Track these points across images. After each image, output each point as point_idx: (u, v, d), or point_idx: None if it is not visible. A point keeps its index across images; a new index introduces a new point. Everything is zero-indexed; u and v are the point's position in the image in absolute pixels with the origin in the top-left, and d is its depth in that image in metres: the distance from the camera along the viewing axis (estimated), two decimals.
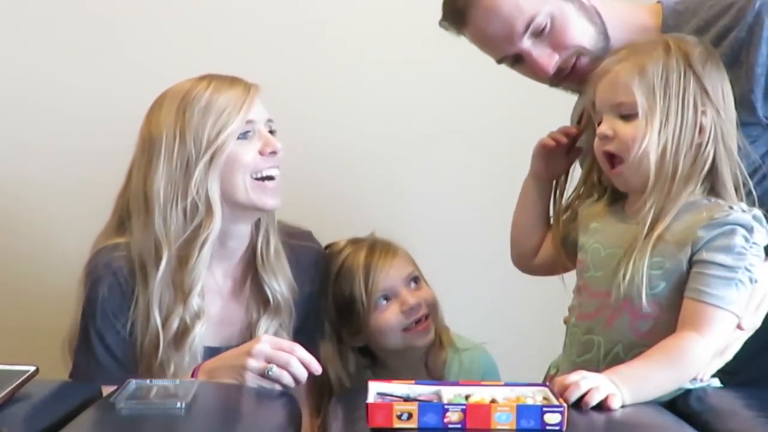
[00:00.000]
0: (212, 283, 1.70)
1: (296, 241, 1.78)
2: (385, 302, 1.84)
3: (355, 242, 1.89)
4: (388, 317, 1.83)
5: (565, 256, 1.61)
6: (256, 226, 1.72)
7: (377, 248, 1.86)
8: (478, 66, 1.72)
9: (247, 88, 1.67)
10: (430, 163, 2.31)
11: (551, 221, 1.67)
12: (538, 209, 1.66)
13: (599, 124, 1.48)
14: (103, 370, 1.61)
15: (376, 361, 1.91)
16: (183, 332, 1.63)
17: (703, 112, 1.43)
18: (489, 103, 2.29)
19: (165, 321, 1.62)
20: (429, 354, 1.89)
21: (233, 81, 1.68)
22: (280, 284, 1.71)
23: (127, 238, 1.67)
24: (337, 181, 2.28)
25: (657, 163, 1.42)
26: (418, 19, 2.22)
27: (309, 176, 2.10)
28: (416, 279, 1.88)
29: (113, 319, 1.64)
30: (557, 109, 1.76)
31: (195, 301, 1.63)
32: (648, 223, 1.41)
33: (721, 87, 1.45)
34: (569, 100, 1.72)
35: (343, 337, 1.87)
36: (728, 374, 1.48)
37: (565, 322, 1.56)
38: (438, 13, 1.66)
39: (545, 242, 1.66)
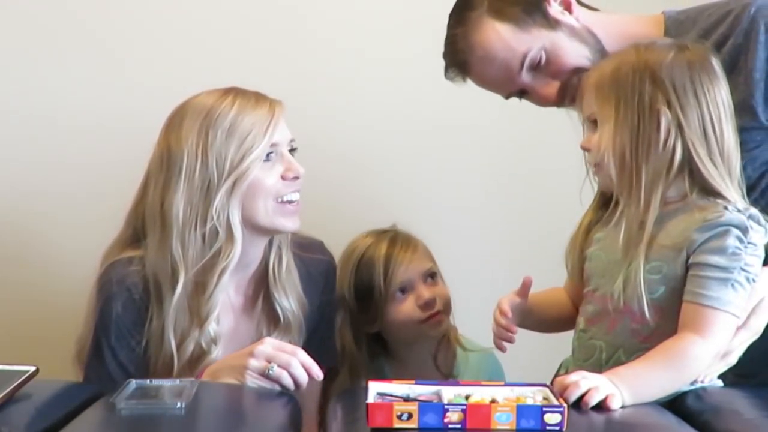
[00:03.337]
0: (225, 299, 1.67)
1: (308, 253, 1.76)
2: (401, 294, 1.88)
3: (377, 234, 1.93)
4: (405, 309, 1.88)
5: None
6: (269, 242, 1.70)
7: (398, 241, 1.91)
8: None
9: (272, 108, 1.63)
10: (438, 164, 2.32)
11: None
12: (554, 312, 1.65)
13: None
14: (115, 385, 1.52)
15: (388, 350, 1.95)
16: (199, 356, 1.60)
17: (659, 111, 1.41)
18: (496, 101, 2.29)
19: (180, 345, 1.59)
20: (439, 349, 1.93)
21: (258, 99, 1.63)
22: (290, 302, 1.69)
23: (141, 251, 1.63)
24: (346, 180, 2.28)
25: (617, 164, 1.43)
26: (421, 17, 2.25)
27: (320, 175, 2.10)
28: (433, 275, 1.92)
29: (128, 335, 1.61)
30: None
31: (212, 327, 1.60)
32: (633, 228, 1.41)
33: (690, 85, 1.43)
34: None
35: (360, 324, 1.90)
36: (744, 377, 1.49)
37: None
38: (443, 10, 1.69)
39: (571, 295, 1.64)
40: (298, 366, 1.49)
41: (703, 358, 1.37)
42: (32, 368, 1.32)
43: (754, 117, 1.52)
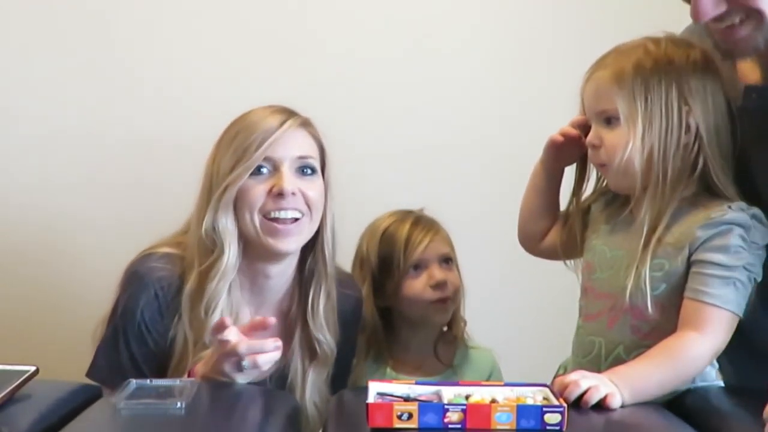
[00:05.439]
0: (245, 318, 1.65)
1: (342, 288, 1.76)
2: (415, 271, 1.91)
3: (403, 213, 1.98)
4: (416, 286, 1.91)
5: (580, 242, 1.57)
6: (307, 281, 1.70)
7: (421, 222, 1.95)
8: (493, 61, 1.70)
9: (283, 124, 1.62)
10: (440, 164, 2.32)
11: (567, 206, 1.62)
12: (546, 197, 1.62)
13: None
14: (124, 376, 1.50)
15: (392, 330, 1.96)
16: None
17: (688, 112, 1.41)
18: (497, 101, 2.30)
19: (194, 346, 1.59)
20: (440, 338, 1.95)
21: (274, 113, 1.64)
22: (326, 336, 1.69)
23: (180, 251, 1.65)
24: (348, 181, 2.28)
25: (643, 167, 1.41)
26: (424, 18, 2.25)
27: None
28: (449, 260, 1.95)
29: (146, 332, 1.61)
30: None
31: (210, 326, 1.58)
32: (645, 229, 1.41)
33: (708, 86, 1.43)
34: None
35: (377, 295, 1.93)
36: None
37: None
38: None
39: (555, 230, 1.62)
40: (262, 346, 1.45)
41: (702, 356, 1.37)
42: (32, 368, 1.32)
43: None
